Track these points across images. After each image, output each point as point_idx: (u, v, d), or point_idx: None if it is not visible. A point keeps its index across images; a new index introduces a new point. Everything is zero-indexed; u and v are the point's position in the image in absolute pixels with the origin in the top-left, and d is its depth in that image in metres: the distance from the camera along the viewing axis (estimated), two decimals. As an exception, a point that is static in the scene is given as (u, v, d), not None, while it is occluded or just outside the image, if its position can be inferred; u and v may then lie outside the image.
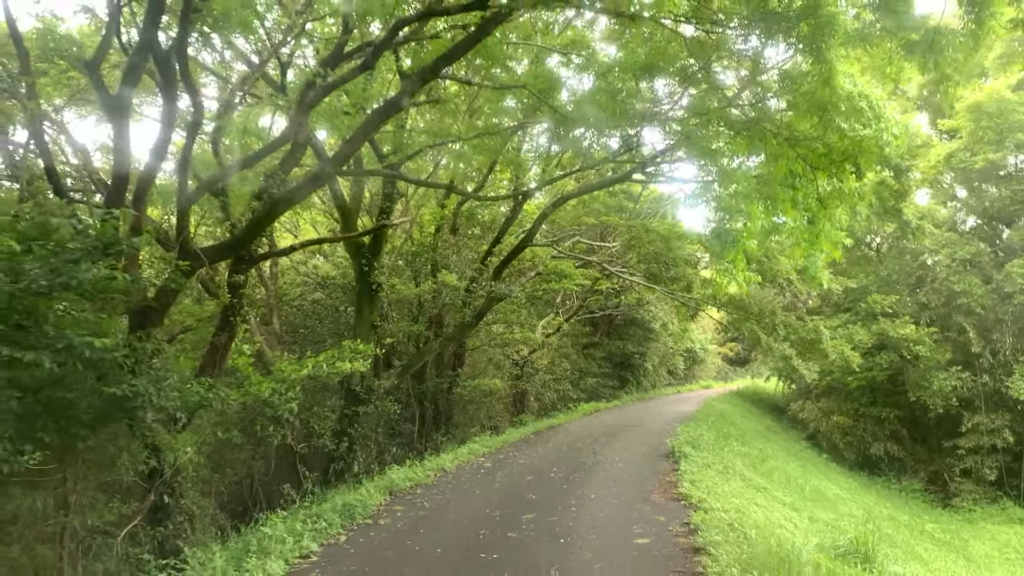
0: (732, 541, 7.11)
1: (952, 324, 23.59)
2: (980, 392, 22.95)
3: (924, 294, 24.28)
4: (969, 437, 22.93)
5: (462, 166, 17.54)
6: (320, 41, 13.12)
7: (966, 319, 22.91)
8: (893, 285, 25.21)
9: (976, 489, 22.57)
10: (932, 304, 24.06)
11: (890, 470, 25.23)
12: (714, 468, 12.67)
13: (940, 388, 22.76)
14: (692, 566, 6.52)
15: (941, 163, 24.00)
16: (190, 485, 10.11)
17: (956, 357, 23.53)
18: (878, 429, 25.64)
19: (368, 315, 15.47)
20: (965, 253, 23.27)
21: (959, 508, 22.16)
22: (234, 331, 11.15)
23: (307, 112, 9.37)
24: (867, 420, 25.85)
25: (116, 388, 7.09)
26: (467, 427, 20.67)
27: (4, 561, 7.26)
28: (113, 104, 9.00)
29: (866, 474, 25.07)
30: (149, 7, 8.26)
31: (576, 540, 7.63)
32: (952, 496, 22.97)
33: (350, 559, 7.13)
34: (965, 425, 23.01)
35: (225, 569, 6.58)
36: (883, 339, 23.58)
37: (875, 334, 23.55)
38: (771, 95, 11.64)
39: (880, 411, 25.55)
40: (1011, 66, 20.04)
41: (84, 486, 8.16)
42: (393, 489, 10.49)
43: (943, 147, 24.27)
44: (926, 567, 13.05)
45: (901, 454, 25.36)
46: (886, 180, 19.23)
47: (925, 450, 25.32)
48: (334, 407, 15.44)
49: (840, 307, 26.17)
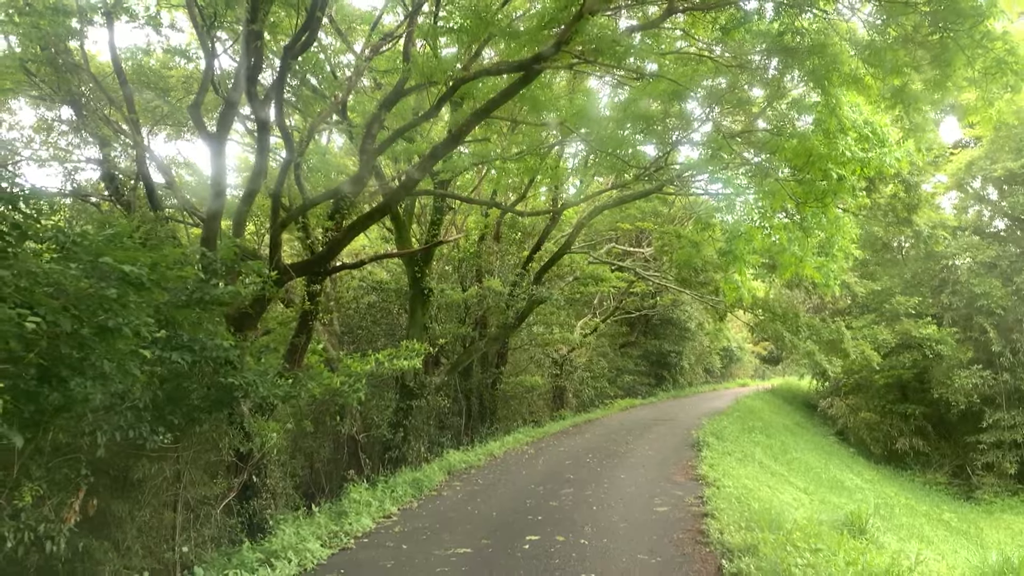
0: (735, 509, 8.62)
1: (974, 324, 24.54)
2: (1001, 389, 23.86)
3: (946, 295, 25.27)
4: (991, 432, 23.86)
5: (506, 180, 19.01)
6: (379, 73, 14.85)
7: (987, 320, 23.86)
8: (917, 287, 26.23)
9: (997, 482, 23.48)
10: (954, 305, 25.04)
11: (915, 464, 26.22)
12: (734, 456, 14.12)
13: (962, 385, 23.75)
14: (698, 525, 8.08)
15: (962, 170, 24.99)
16: (273, 467, 11.74)
17: (978, 356, 24.45)
18: (904, 425, 26.65)
19: (420, 317, 17.02)
20: (985, 257, 24.18)
21: (980, 500, 23.08)
22: (311, 333, 12.88)
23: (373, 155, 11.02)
24: (893, 416, 26.87)
25: (232, 379, 8.77)
26: (510, 421, 22.00)
27: (137, 521, 8.94)
28: (212, 142, 10.77)
29: (892, 468, 26.07)
30: (249, 72, 10.03)
31: (606, 508, 9.21)
32: (974, 489, 23.89)
33: (422, 519, 8.84)
34: (986, 421, 23.95)
35: (326, 523, 8.27)
36: (906, 339, 24.62)
37: (899, 334, 24.60)
38: (786, 120, 13.05)
39: (906, 408, 26.55)
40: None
41: (193, 464, 9.86)
42: (451, 469, 12.22)
43: (965, 154, 25.18)
44: (929, 546, 14.22)
45: (926, 449, 26.32)
46: (898, 194, 20.37)
47: (949, 445, 26.22)
48: (390, 401, 16.74)
49: (868, 308, 27.18)
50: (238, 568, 6.81)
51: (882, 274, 27.41)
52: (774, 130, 12.56)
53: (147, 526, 8.96)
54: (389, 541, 7.80)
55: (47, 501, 6.57)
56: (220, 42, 12.16)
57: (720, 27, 11.79)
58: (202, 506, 9.71)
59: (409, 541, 7.75)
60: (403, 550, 7.38)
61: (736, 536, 7.15)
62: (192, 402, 8.43)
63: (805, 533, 7.73)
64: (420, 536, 7.95)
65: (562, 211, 19.04)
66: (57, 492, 6.59)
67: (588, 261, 22.70)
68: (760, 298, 19.90)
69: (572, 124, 12.41)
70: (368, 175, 11.85)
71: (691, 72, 13.76)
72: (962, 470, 25.02)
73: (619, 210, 23.88)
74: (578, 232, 19.84)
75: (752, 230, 10.81)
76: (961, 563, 13.23)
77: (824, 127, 11.14)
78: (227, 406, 9.17)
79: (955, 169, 25.74)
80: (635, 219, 24.76)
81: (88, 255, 5.80)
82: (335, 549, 7.52)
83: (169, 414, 8.01)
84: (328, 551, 7.39)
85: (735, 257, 10.90)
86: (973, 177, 25.75)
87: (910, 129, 12.74)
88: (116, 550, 8.19)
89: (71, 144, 15.35)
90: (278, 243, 11.03)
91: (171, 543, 9.05)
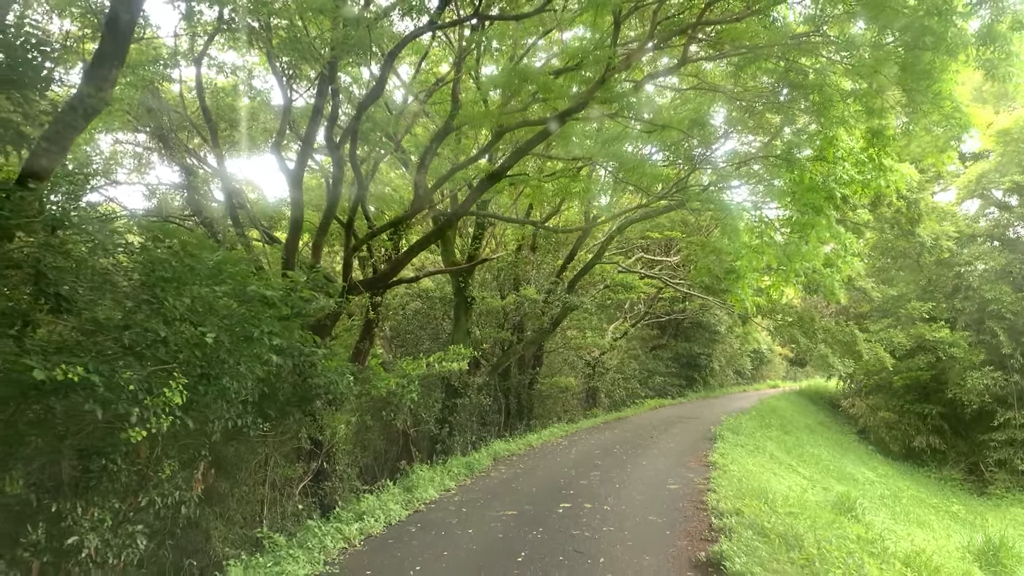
0: (733, 486, 10.43)
1: (985, 328, 25.75)
2: (1012, 390, 25.06)
3: (959, 300, 26.55)
4: (1002, 431, 25.09)
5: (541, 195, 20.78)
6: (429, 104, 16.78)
7: (997, 324, 25.11)
8: (932, 292, 27.52)
9: (1009, 478, 24.67)
10: (967, 310, 26.32)
11: (932, 461, 27.49)
12: (746, 448, 15.85)
13: (974, 386, 25.02)
14: (701, 498, 9.91)
15: (973, 182, 26.32)
16: (340, 456, 13.67)
17: (989, 358, 25.65)
18: (921, 424, 27.94)
19: (464, 323, 18.90)
20: (997, 264, 25.42)
21: (992, 495, 24.27)
22: (373, 339, 14.88)
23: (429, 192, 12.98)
24: (911, 415, 28.16)
25: (317, 379, 10.70)
26: (545, 418, 23.58)
27: (238, 493, 10.86)
28: (291, 176, 12.81)
29: (910, 464, 27.36)
30: (330, 118, 12.07)
31: (627, 486, 11.06)
32: (987, 484, 25.08)
33: (475, 492, 10.81)
34: (998, 420, 25.19)
35: (401, 493, 10.28)
36: (921, 341, 25.97)
37: (913, 337, 25.97)
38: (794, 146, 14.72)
39: (923, 407, 27.82)
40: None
41: (278, 451, 11.78)
42: (496, 456, 14.19)
43: (977, 167, 26.46)
44: (927, 531, 15.76)
45: (942, 447, 27.56)
46: (901, 209, 21.84)
47: (965, 443, 27.39)
48: (437, 399, 18.39)
49: (887, 312, 28.51)
50: (337, 522, 8.75)
51: (899, 280, 28.72)
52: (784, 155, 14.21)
53: (244, 500, 10.80)
54: (451, 506, 9.79)
55: (179, 475, 8.43)
56: (296, 89, 14.27)
57: (733, 64, 13.59)
58: (285, 486, 11.46)
59: (467, 506, 9.73)
60: (463, 512, 9.36)
61: (727, 504, 8.97)
62: (283, 397, 10.14)
63: (788, 504, 9.51)
64: (475, 503, 9.92)
65: (591, 227, 20.71)
66: (184, 468, 8.32)
67: (618, 270, 24.37)
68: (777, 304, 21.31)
69: (599, 156, 14.20)
70: (424, 205, 13.82)
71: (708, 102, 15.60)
72: (976, 467, 26.21)
73: (648, 220, 25.51)
74: (607, 245, 21.57)
75: (749, 254, 12.52)
76: (953, 545, 14.81)
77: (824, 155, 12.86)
78: (310, 402, 10.81)
79: (965, 182, 27.04)
80: (664, 228, 26.22)
81: (235, 281, 7.81)
82: (410, 511, 9.54)
83: (267, 408, 9.72)
84: (406, 512, 9.42)
85: (738, 276, 12.64)
86: (985, 189, 26.97)
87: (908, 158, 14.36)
88: (221, 519, 10.12)
89: (156, 170, 17.52)
90: (350, 264, 13.06)
91: (261, 516, 10.92)
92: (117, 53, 7.21)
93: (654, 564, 6.90)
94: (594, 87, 10.51)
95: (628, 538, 7.86)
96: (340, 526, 8.48)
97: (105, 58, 7.06)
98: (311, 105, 13.74)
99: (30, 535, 6.29)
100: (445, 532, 8.35)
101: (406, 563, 7.16)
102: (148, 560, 8.08)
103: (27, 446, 6.51)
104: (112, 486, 7.03)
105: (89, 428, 6.85)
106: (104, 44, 7.17)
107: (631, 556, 7.15)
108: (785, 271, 12.91)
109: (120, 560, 7.07)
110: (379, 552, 7.70)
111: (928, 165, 19.70)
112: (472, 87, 14.81)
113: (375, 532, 8.51)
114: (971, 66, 9.46)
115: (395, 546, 7.88)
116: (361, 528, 8.49)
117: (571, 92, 11.39)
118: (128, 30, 7.33)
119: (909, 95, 10.24)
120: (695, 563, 6.87)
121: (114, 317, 6.78)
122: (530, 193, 20.15)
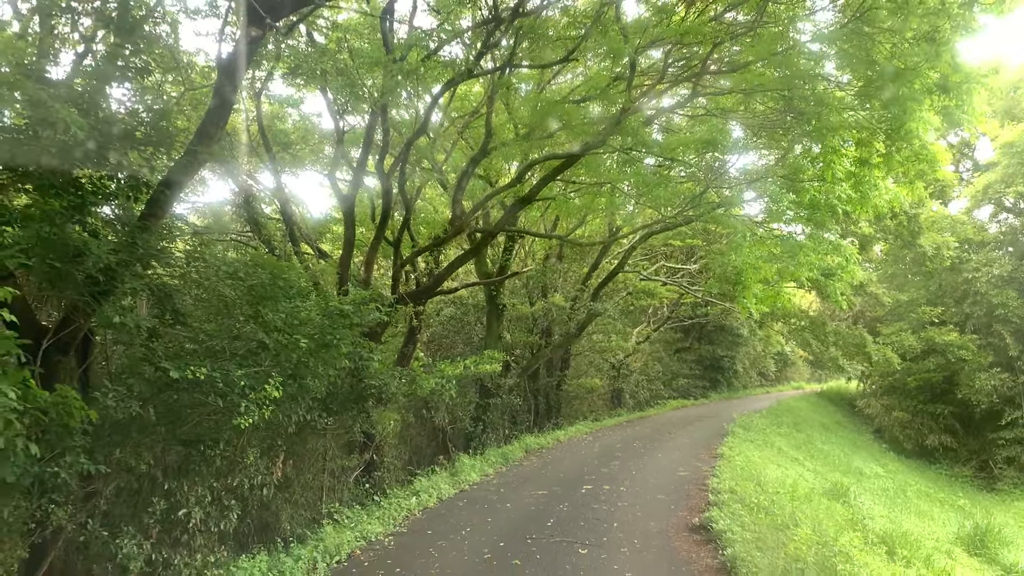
0: (734, 473, 12.05)
1: (993, 331, 26.93)
2: (1020, 391, 26.18)
3: (968, 305, 27.73)
4: (1010, 429, 26.20)
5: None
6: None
7: (1004, 327, 26.29)
8: (942, 297, 28.72)
9: (1017, 475, 25.75)
10: (975, 314, 27.49)
11: (944, 459, 28.64)
12: (754, 442, 17.39)
13: (982, 387, 26.21)
14: (704, 482, 11.51)
15: (980, 192, 27.55)
16: (388, 449, 15.33)
17: (997, 360, 26.80)
18: (933, 423, 29.10)
19: (496, 328, 20.50)
20: (1002, 271, 26.58)
21: (1001, 491, 25.36)
22: (416, 344, 16.60)
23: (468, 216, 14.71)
24: (924, 415, 29.34)
25: (373, 380, 12.40)
26: (572, 417, 24.92)
27: (302, 481, 12.47)
28: (344, 201, 14.59)
29: (923, 462, 28.54)
30: (380, 152, 13.84)
31: (642, 473, 12.72)
32: (996, 481, 26.19)
33: (511, 476, 12.60)
34: (1006, 419, 26.32)
35: (448, 476, 12.03)
36: (931, 344, 27.21)
37: (923, 340, 27.22)
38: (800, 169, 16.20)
39: (935, 407, 28.98)
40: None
41: (336, 443, 13.43)
42: (527, 448, 15.93)
43: (984, 178, 27.64)
44: (926, 519, 17.13)
45: (954, 445, 28.70)
46: (903, 222, 23.20)
47: (976, 441, 28.47)
48: (472, 399, 19.69)
49: (901, 316, 29.72)
50: (394, 499, 10.51)
51: (910, 285, 29.94)
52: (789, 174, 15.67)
53: (307, 486, 12.36)
54: (491, 487, 11.57)
55: (259, 461, 10.12)
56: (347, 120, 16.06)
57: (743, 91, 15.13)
58: (341, 474, 12.99)
59: (504, 487, 11.48)
60: (501, 491, 11.12)
61: (724, 485, 10.62)
62: (342, 396, 11.71)
63: (778, 487, 11.09)
64: (511, 485, 11.69)
65: (613, 240, 22.24)
66: (263, 456, 9.85)
67: (640, 278, 25.88)
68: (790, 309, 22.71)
69: (618, 179, 15.82)
70: (464, 227, 15.54)
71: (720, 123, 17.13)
72: (987, 464, 27.28)
73: (669, 230, 26.90)
74: (629, 255, 23.11)
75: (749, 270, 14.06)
76: (946, 532, 16.17)
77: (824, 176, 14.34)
78: (364, 400, 12.35)
79: (973, 192, 28.25)
80: (686, 236, 27.49)
81: (319, 298, 9.60)
82: (457, 490, 11.36)
83: (330, 404, 11.36)
84: (453, 490, 11.24)
85: (744, 287, 14.20)
86: (992, 198, 28.18)
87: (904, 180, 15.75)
88: (288, 501, 11.81)
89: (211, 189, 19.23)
90: (398, 278, 14.83)
91: (321, 500, 12.57)
92: (221, 116, 9.00)
93: (657, 527, 8.57)
94: (611, 127, 12.16)
95: (638, 510, 9.54)
96: (400, 500, 10.27)
97: (212, 120, 8.84)
98: (358, 130, 15.57)
99: (154, 506, 7.95)
100: (487, 505, 10.10)
101: (458, 526, 8.93)
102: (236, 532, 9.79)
103: (155, 434, 8.23)
104: (208, 469, 8.56)
105: (195, 419, 8.56)
106: (212, 109, 8.96)
107: (639, 522, 8.83)
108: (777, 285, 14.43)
109: (218, 528, 8.75)
110: (435, 519, 9.48)
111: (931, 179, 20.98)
112: (502, 106, 16.39)
113: (430, 505, 10.31)
114: (932, 111, 10.96)
115: (448, 515, 9.65)
116: (418, 502, 10.30)
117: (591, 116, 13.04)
118: (231, 99, 9.12)
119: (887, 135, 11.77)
120: (690, 527, 8.54)
121: (227, 328, 8.58)
122: (556, 206, 21.77)
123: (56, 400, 5.82)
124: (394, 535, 8.92)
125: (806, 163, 15.51)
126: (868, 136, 12.64)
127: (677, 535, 8.28)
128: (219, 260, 8.69)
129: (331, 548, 8.06)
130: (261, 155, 16.26)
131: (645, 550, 7.75)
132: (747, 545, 7.25)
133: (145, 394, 7.64)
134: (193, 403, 8.25)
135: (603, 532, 8.42)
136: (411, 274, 17.21)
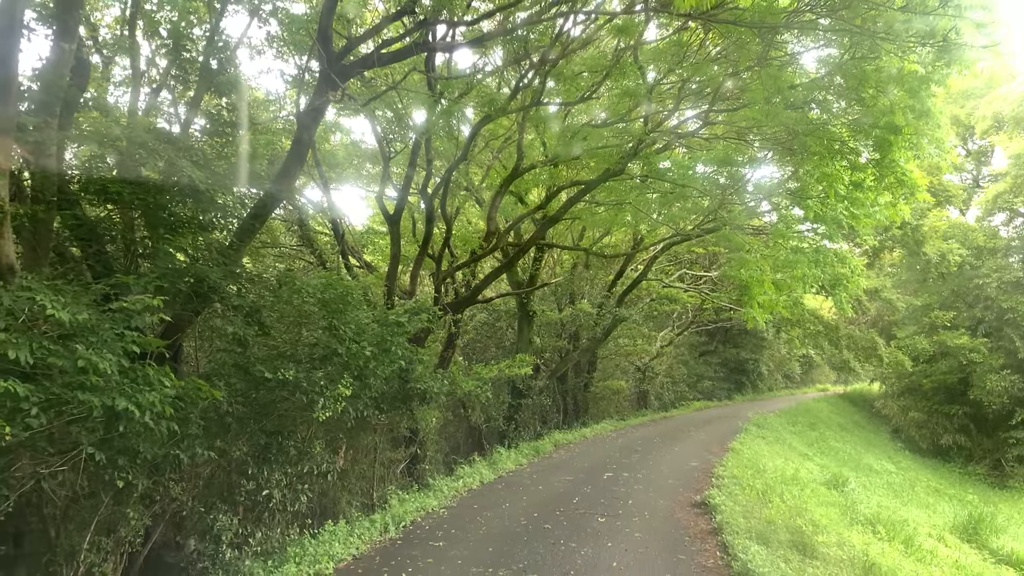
0: (740, 462, 13.61)
1: (1003, 335, 28.09)
2: (1030, 392, 27.43)
3: (979, 310, 28.89)
4: (1021, 429, 27.36)
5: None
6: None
7: (1014, 331, 27.44)
8: (955, 302, 29.89)
9: (1027, 473, 27.00)
10: (986, 318, 28.67)
11: (958, 457, 29.83)
12: (766, 439, 18.90)
13: (993, 388, 27.38)
14: (712, 470, 13.11)
15: (989, 201, 28.73)
16: (430, 444, 16.92)
17: (1008, 362, 27.97)
18: (948, 423, 30.30)
19: (527, 333, 22.02)
20: (1011, 277, 27.70)
21: (1012, 488, 26.49)
22: (455, 348, 18.32)
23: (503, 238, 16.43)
24: (939, 415, 30.56)
25: (419, 383, 14.04)
26: (599, 417, 26.21)
27: (357, 471, 14.11)
28: (390, 220, 16.35)
29: (937, 461, 29.75)
30: (424, 177, 15.61)
31: (659, 463, 14.38)
32: (1008, 478, 27.33)
33: (542, 466, 14.36)
34: (1016, 419, 27.46)
35: (488, 465, 13.78)
36: (943, 347, 28.42)
37: (936, 343, 28.44)
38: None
39: (950, 408, 30.17)
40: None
41: (385, 437, 15.03)
42: (556, 443, 17.69)
43: (994, 188, 28.80)
44: (929, 511, 18.46)
45: (968, 444, 29.88)
46: (907, 232, 24.52)
47: (989, 441, 29.58)
48: (504, 399, 21.06)
49: (914, 320, 30.92)
50: (441, 483, 12.28)
51: (923, 291, 31.15)
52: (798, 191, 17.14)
53: (361, 476, 14.00)
54: (525, 474, 13.35)
55: (324, 452, 11.77)
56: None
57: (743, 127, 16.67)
58: (390, 465, 14.59)
59: (536, 474, 13.25)
60: (533, 477, 12.89)
61: (728, 472, 12.22)
62: (392, 395, 13.17)
63: (777, 474, 12.66)
64: (542, 472, 13.45)
65: (635, 252, 23.73)
66: (327, 448, 11.43)
67: (662, 286, 27.31)
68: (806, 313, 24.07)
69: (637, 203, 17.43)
70: (499, 245, 17.28)
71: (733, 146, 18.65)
72: (999, 463, 28.45)
73: (691, 239, 28.24)
74: (651, 265, 24.60)
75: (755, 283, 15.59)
76: (944, 521, 17.51)
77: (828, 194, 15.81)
78: (411, 399, 13.69)
79: (984, 200, 29.44)
80: (708, 243, 28.66)
81: (379, 311, 11.39)
82: (496, 476, 13.15)
83: (381, 403, 12.86)
84: (493, 476, 13.03)
85: (751, 297, 15.76)
86: (1000, 208, 29.33)
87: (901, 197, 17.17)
88: (345, 489, 13.46)
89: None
90: (440, 289, 16.62)
91: (372, 488, 14.22)
92: (298, 162, 10.79)
93: (665, 504, 10.27)
94: (629, 156, 13.83)
95: (651, 491, 11.24)
96: (449, 483, 12.03)
97: (291, 161, 10.59)
98: (400, 148, 17.20)
99: (242, 487, 9.59)
100: (522, 487, 11.87)
101: (498, 502, 10.72)
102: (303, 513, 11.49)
103: (249, 426, 9.95)
104: (284, 457, 10.17)
105: (279, 413, 10.29)
106: (292, 154, 10.75)
107: (650, 500, 10.54)
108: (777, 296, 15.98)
109: (293, 508, 10.43)
110: (479, 497, 11.28)
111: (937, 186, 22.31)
112: (531, 127, 17.92)
113: (474, 487, 12.12)
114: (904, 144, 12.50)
115: (489, 494, 11.44)
116: (463, 484, 12.14)
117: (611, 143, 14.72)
118: (307, 147, 10.94)
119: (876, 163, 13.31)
120: (692, 503, 10.22)
121: (304, 338, 10.38)
122: (583, 218, 23.24)
123: (189, 385, 7.19)
124: (446, 508, 10.71)
125: (811, 181, 17.05)
126: (857, 159, 14.15)
127: (681, 509, 9.97)
128: (304, 283, 10.48)
129: (397, 516, 9.77)
130: (312, 175, 18.04)
131: (653, 519, 9.45)
132: (734, 513, 8.95)
133: (244, 391, 9.37)
134: (278, 399, 9.94)
135: (619, 507, 10.12)
136: (450, 285, 18.85)
